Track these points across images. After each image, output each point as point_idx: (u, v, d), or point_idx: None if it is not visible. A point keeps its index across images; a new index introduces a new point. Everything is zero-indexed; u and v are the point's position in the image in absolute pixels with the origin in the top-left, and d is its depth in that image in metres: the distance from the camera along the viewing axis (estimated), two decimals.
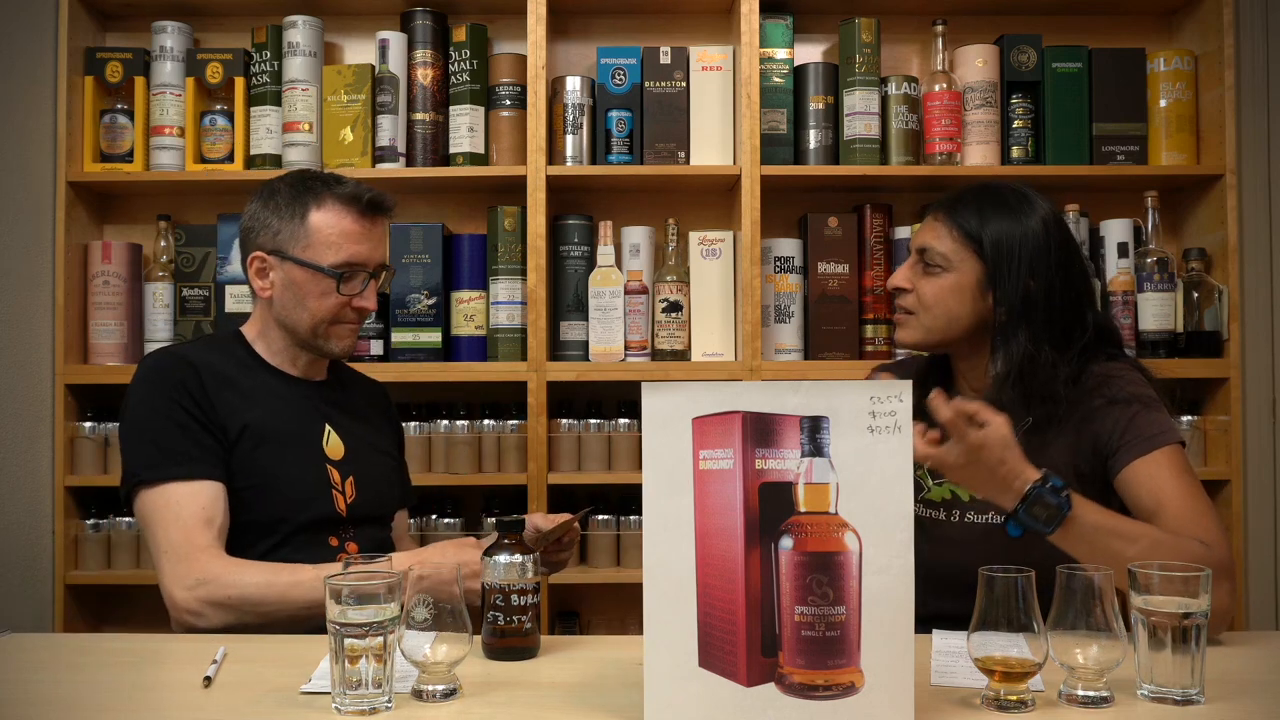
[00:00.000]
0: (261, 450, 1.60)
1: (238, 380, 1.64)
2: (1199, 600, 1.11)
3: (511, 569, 1.29)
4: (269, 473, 1.60)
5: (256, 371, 1.68)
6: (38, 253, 2.42)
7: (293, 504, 1.61)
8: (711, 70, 2.41)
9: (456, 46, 2.43)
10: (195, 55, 2.43)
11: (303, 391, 1.71)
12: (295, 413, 1.67)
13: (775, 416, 1.04)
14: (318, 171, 1.75)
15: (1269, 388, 2.50)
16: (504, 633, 1.30)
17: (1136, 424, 1.47)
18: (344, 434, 1.70)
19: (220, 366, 1.63)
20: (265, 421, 1.62)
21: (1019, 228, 1.53)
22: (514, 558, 1.30)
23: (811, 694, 1.03)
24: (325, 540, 1.63)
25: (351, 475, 1.68)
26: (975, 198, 1.57)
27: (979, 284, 1.54)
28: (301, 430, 1.66)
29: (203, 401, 1.58)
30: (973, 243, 1.54)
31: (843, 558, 1.03)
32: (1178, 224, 2.54)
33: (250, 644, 1.38)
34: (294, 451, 1.64)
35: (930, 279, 1.57)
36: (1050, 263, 1.53)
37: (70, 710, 1.15)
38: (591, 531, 2.37)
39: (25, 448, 2.39)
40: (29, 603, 2.37)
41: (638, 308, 2.38)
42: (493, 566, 1.30)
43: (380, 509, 1.75)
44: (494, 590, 1.29)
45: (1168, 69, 2.41)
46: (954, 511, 1.56)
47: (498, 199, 2.44)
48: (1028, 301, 1.51)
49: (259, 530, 1.59)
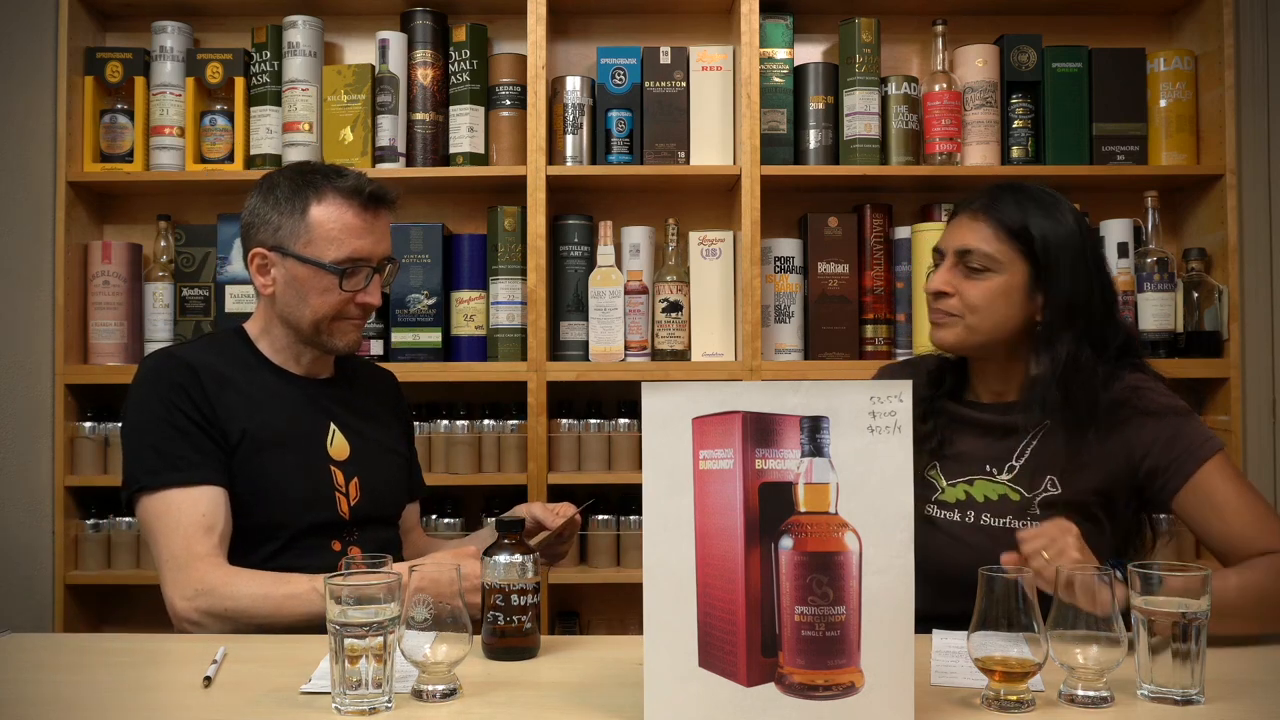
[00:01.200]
0: (262, 455, 1.58)
1: (238, 381, 1.62)
2: (1199, 600, 1.11)
3: (511, 569, 1.29)
4: (269, 478, 1.58)
5: (258, 371, 1.66)
6: (38, 253, 2.42)
7: (294, 509, 1.59)
8: (711, 70, 2.41)
9: (456, 46, 2.43)
10: (195, 55, 2.43)
11: (306, 390, 1.68)
12: (298, 414, 1.65)
13: (775, 416, 1.04)
14: (318, 164, 1.72)
15: (1269, 388, 2.50)
16: (504, 633, 1.30)
17: (1180, 440, 1.47)
18: (350, 433, 1.68)
19: (221, 367, 1.61)
20: (266, 424, 1.60)
21: (1061, 227, 1.51)
22: (514, 558, 1.30)
23: (811, 694, 1.03)
24: (328, 545, 1.61)
25: (356, 476, 1.66)
26: (1013, 196, 1.54)
27: (1027, 285, 1.51)
28: (304, 432, 1.64)
29: (202, 405, 1.56)
30: (1020, 242, 1.50)
31: (843, 558, 1.03)
32: (1178, 224, 2.54)
33: (250, 644, 1.38)
34: (295, 455, 1.62)
35: (976, 281, 1.52)
36: (1089, 264, 1.51)
37: (70, 710, 1.15)
38: (591, 531, 2.37)
39: (25, 448, 2.39)
40: (29, 603, 2.37)
41: (638, 308, 2.38)
42: (492, 567, 1.30)
43: (385, 509, 1.73)
44: (494, 590, 1.29)
45: (1168, 69, 2.41)
46: (969, 513, 1.54)
47: (498, 199, 2.44)
48: (1073, 303, 1.49)
49: (261, 535, 1.58)
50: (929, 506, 1.57)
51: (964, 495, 1.56)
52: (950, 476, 1.58)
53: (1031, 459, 1.52)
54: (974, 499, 1.55)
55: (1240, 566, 1.41)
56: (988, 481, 1.54)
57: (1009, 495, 1.52)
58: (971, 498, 1.55)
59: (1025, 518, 1.49)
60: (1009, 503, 1.52)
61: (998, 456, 1.55)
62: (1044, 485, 1.50)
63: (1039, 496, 1.50)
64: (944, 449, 1.59)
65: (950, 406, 1.62)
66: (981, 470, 1.56)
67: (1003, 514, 1.52)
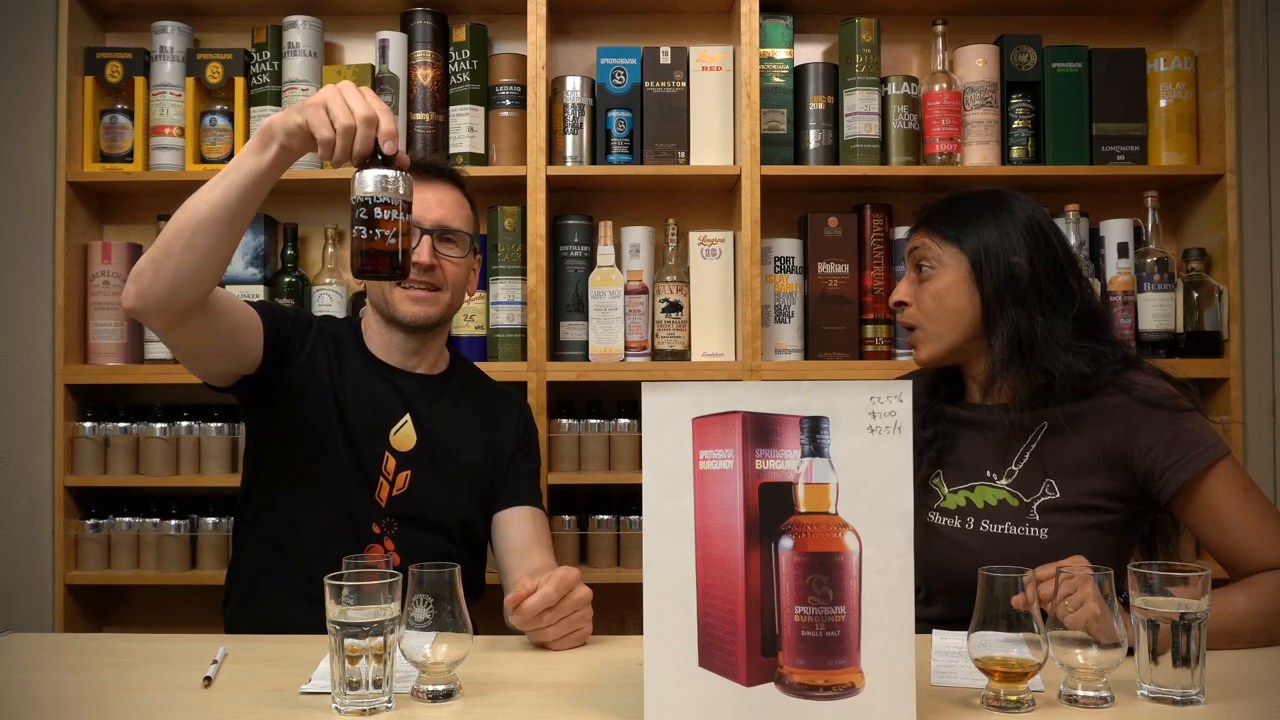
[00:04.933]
0: (321, 418, 1.64)
1: (340, 351, 1.70)
2: (1199, 600, 1.11)
3: (381, 182, 1.27)
4: (314, 434, 1.64)
5: (353, 349, 1.73)
6: (38, 253, 2.42)
7: (330, 474, 1.63)
8: (711, 70, 2.41)
9: (456, 46, 2.43)
10: (195, 55, 2.43)
11: (392, 378, 1.71)
12: (373, 392, 1.69)
13: (775, 416, 1.04)
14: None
15: (1269, 388, 2.50)
16: (369, 251, 1.27)
17: (1181, 442, 1.45)
18: (424, 431, 1.69)
19: (333, 332, 1.72)
20: (338, 389, 1.66)
21: (990, 211, 1.57)
22: (383, 171, 1.27)
23: (811, 694, 1.03)
24: (366, 524, 1.64)
25: (410, 470, 1.67)
26: (947, 203, 1.62)
27: (969, 276, 1.55)
28: (371, 410, 1.68)
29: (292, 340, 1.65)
30: (950, 239, 1.57)
31: (843, 558, 1.03)
32: (1178, 224, 2.54)
33: (250, 644, 1.38)
34: (351, 427, 1.66)
35: (925, 285, 1.59)
36: (1028, 238, 1.54)
37: (70, 710, 1.15)
38: (591, 531, 2.38)
39: (25, 448, 2.39)
40: (29, 603, 2.37)
41: (638, 308, 2.38)
42: (360, 182, 1.27)
43: (432, 515, 1.69)
44: (359, 205, 1.27)
45: (1168, 69, 2.41)
46: (968, 519, 1.54)
47: (498, 199, 2.44)
48: (1013, 277, 1.52)
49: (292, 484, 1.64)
50: (930, 514, 1.58)
51: (964, 501, 1.56)
52: (952, 484, 1.58)
53: (1030, 462, 1.52)
54: (974, 505, 1.55)
55: (1246, 584, 1.39)
56: (987, 487, 1.55)
57: (1008, 500, 1.52)
58: (972, 504, 1.55)
59: (1023, 523, 1.49)
60: (1007, 508, 1.52)
61: (997, 461, 1.55)
62: (1042, 490, 1.50)
63: (1036, 501, 1.50)
64: (945, 456, 1.60)
65: (948, 410, 1.63)
66: (982, 476, 1.56)
67: (1001, 520, 1.52)
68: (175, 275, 1.38)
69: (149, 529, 2.36)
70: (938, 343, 1.58)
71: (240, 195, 1.37)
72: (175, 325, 1.46)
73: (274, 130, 1.34)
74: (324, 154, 1.31)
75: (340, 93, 1.31)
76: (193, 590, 2.39)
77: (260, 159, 1.36)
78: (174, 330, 1.47)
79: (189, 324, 1.47)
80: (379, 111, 1.30)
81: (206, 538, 2.35)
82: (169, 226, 1.39)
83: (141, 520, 2.37)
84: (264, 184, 1.38)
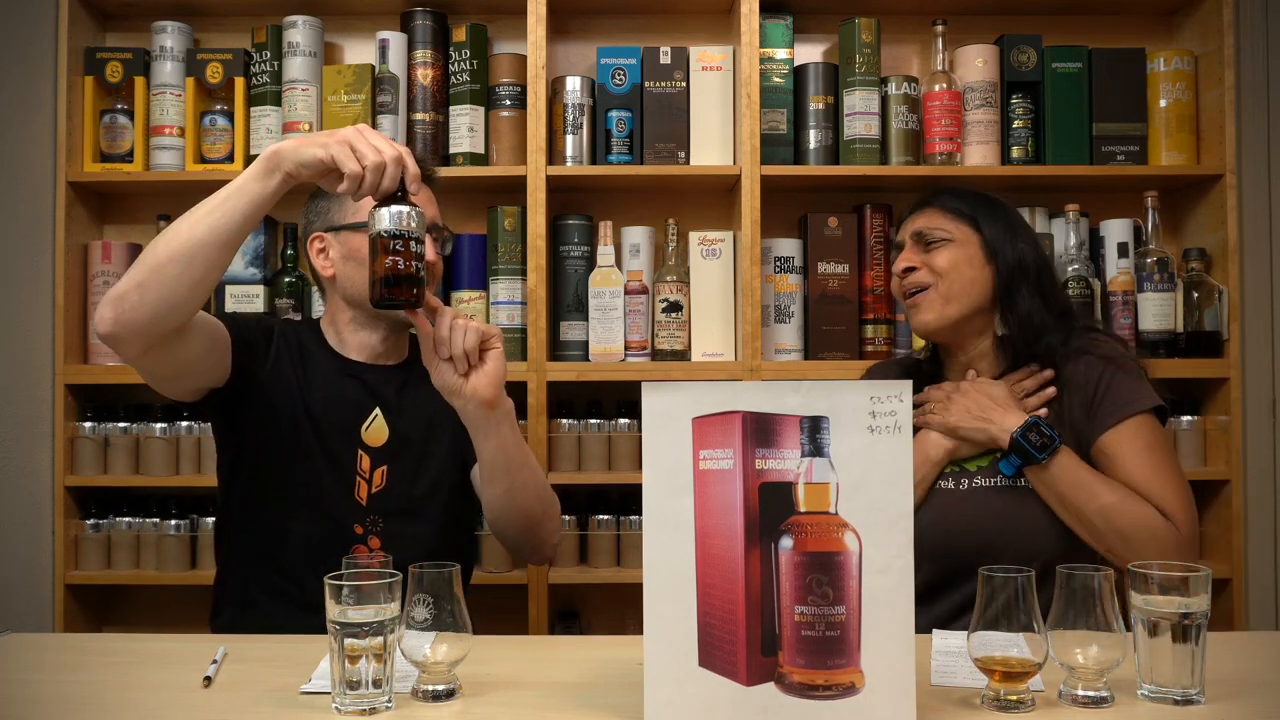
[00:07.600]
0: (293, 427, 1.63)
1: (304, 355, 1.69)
2: (1199, 600, 1.11)
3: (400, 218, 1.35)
4: (291, 448, 1.63)
5: (317, 350, 1.71)
6: (38, 253, 2.43)
7: (308, 481, 1.62)
8: (711, 70, 2.41)
9: (456, 46, 2.43)
10: (195, 55, 2.43)
11: (357, 373, 1.70)
12: (341, 392, 1.68)
13: (775, 416, 1.04)
14: None
15: (1269, 388, 2.50)
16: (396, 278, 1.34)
17: (1113, 390, 1.56)
18: (395, 421, 1.68)
19: (295, 336, 1.71)
20: (304, 393, 1.65)
21: (993, 202, 1.69)
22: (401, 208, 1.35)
23: (811, 694, 1.03)
24: (348, 525, 1.63)
25: (385, 465, 1.67)
26: (950, 188, 1.73)
27: (982, 252, 1.64)
28: (342, 412, 1.66)
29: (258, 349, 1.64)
30: (965, 218, 1.66)
31: (843, 558, 1.03)
32: (1178, 224, 2.54)
33: (250, 644, 1.38)
34: (324, 430, 1.65)
35: (937, 252, 1.66)
36: (1026, 234, 1.67)
37: (70, 710, 1.15)
38: (591, 531, 2.38)
39: (25, 448, 2.40)
40: (29, 603, 2.37)
41: (638, 308, 2.38)
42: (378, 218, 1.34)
43: (417, 504, 1.68)
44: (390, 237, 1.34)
45: (1168, 69, 2.41)
46: (962, 480, 1.62)
47: (498, 199, 2.44)
48: (1022, 262, 1.63)
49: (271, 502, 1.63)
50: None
51: (956, 467, 1.64)
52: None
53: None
54: (966, 469, 1.63)
55: (1127, 493, 1.51)
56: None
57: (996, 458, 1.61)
58: (964, 468, 1.63)
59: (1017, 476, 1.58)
60: (997, 464, 1.60)
61: None
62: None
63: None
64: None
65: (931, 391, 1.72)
66: None
67: (993, 475, 1.60)
68: (163, 299, 1.37)
69: (149, 529, 2.36)
70: (948, 306, 1.64)
71: (243, 220, 1.39)
72: (150, 350, 1.43)
73: (282, 158, 1.36)
74: (347, 188, 1.36)
75: (362, 133, 1.36)
76: (193, 590, 2.38)
77: (265, 185, 1.38)
78: (147, 356, 1.45)
79: (166, 349, 1.45)
80: (404, 153, 1.36)
81: (206, 538, 2.35)
82: (156, 250, 1.38)
83: (141, 520, 2.37)
84: (265, 210, 1.41)
